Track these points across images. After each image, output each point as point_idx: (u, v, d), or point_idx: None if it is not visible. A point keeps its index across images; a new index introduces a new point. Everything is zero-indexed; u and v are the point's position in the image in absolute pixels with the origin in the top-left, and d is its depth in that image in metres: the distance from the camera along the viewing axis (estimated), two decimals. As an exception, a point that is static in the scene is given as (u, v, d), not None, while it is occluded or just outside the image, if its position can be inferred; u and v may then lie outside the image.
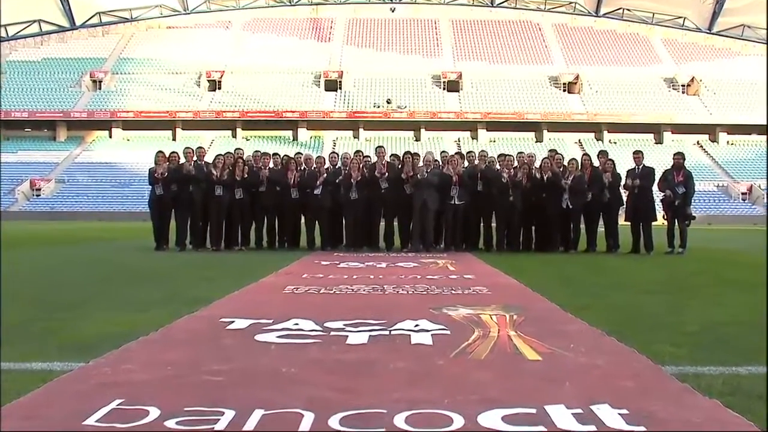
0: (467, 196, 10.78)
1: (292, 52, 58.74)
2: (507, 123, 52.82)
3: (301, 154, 11.89)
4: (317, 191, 10.95)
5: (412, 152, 11.42)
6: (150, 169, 11.12)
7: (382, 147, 11.57)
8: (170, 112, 52.78)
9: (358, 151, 11.90)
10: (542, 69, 58.17)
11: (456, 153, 12.33)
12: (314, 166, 11.39)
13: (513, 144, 48.29)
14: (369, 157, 11.90)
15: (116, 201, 44.12)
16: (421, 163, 10.90)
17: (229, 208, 10.94)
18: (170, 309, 4.53)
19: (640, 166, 11.11)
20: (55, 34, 61.16)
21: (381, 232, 11.43)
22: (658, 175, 11.15)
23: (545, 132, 53.18)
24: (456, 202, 10.73)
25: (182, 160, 11.12)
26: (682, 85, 56.66)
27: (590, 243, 11.06)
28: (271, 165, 11.51)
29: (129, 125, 53.31)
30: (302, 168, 11.37)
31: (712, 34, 62.01)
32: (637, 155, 11.24)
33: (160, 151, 11.25)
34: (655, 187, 11.21)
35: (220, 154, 11.30)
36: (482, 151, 11.79)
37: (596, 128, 53.53)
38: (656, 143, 51.27)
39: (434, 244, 11.06)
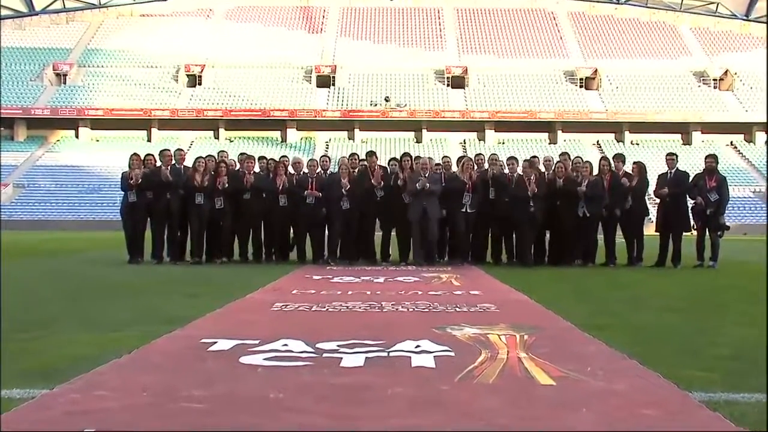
0: (477, 204, 10.76)
1: (280, 44, 58.90)
2: (517, 123, 52.93)
3: (287, 157, 11.91)
4: (310, 200, 10.92)
5: (412, 155, 11.40)
6: (123, 173, 11.13)
7: (374, 153, 11.47)
8: (145, 110, 52.84)
9: (353, 154, 11.92)
10: (557, 63, 58.37)
11: (464, 156, 12.24)
12: (304, 170, 11.40)
13: (524, 146, 48.48)
14: (365, 160, 11.83)
15: (84, 208, 44.11)
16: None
17: (211, 217, 10.94)
18: (145, 328, 4.55)
19: (673, 171, 11.06)
20: (11, 21, 60.91)
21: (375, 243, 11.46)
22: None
23: (560, 133, 53.29)
24: (468, 211, 10.71)
25: (158, 163, 11.13)
26: (714, 80, 56.65)
27: (610, 255, 11.06)
28: (257, 169, 11.54)
29: (98, 124, 53.31)
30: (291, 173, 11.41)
31: (750, 20, 61.87)
32: (670, 158, 11.19)
33: (135, 154, 11.27)
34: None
35: (201, 157, 11.28)
36: (493, 154, 11.73)
37: (617, 128, 53.66)
38: (684, 144, 51.36)
39: (439, 258, 11.04)
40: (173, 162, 11.19)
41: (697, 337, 4.47)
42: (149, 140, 52.10)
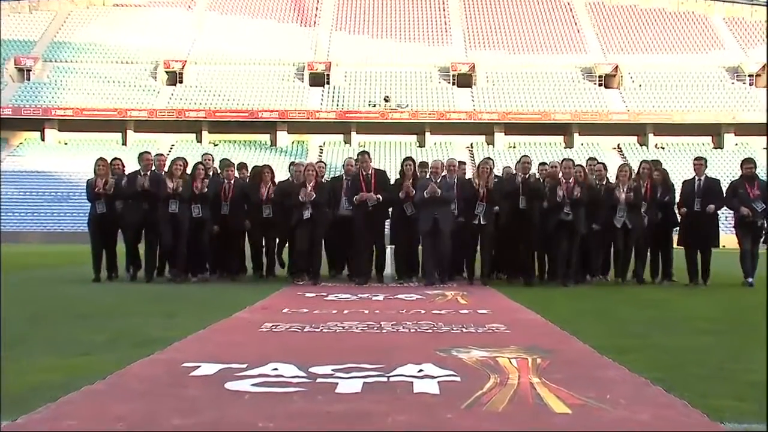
0: (493, 215, 10.57)
1: (269, 39, 59.11)
2: (530, 125, 53.09)
3: (295, 163, 11.93)
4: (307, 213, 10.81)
5: (416, 160, 11.33)
6: (88, 180, 10.90)
7: (366, 153, 11.30)
8: (119, 110, 52.97)
9: (354, 157, 11.93)
10: (574, 59, 58.59)
11: (484, 160, 11.82)
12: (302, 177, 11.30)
13: (537, 150, 48.45)
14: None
15: (51, 219, 44.15)
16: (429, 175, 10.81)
17: (191, 227, 10.83)
18: (120, 352, 4.56)
19: (702, 178, 10.89)
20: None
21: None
22: (724, 188, 10.97)
23: (576, 135, 53.41)
24: (482, 222, 10.58)
25: (134, 168, 11.03)
26: (750, 75, 56.66)
27: (636, 271, 11.02)
28: (237, 175, 11.55)
29: (66, 125, 53.36)
30: (290, 179, 11.37)
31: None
32: (698, 163, 10.98)
33: (101, 159, 11.04)
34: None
35: (178, 158, 11.01)
36: (524, 156, 11.37)
37: (640, 130, 53.76)
38: (715, 148, 51.53)
39: (457, 275, 10.90)
40: (152, 168, 11.08)
41: (729, 361, 4.47)
42: (124, 143, 52.21)
